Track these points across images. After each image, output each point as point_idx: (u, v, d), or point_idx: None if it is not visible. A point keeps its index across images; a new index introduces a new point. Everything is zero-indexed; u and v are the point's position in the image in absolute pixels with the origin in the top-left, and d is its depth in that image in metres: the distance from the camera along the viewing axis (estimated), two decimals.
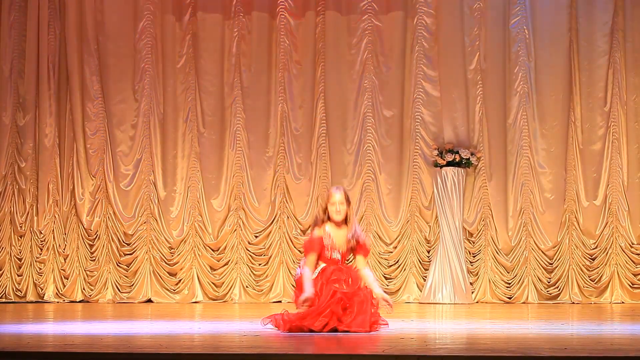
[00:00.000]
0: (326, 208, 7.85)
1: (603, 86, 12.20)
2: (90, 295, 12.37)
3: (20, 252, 12.54)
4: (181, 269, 12.37)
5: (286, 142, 12.43)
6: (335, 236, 7.80)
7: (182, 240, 12.40)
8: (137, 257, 12.39)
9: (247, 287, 12.30)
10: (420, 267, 12.23)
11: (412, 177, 12.32)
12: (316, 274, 7.70)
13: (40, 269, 12.47)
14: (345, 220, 7.83)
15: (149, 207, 12.44)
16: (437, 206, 12.07)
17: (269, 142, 12.46)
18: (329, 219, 7.83)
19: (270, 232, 12.38)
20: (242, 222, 12.38)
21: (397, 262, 12.24)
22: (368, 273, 7.84)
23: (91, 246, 12.45)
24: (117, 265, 12.40)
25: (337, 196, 7.83)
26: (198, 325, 8.49)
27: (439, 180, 12.04)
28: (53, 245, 12.48)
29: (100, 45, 12.53)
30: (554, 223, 12.15)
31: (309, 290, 7.51)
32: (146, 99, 12.51)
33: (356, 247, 7.85)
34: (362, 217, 12.23)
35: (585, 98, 12.21)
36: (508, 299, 12.07)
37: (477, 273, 12.15)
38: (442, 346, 6.33)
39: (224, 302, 12.24)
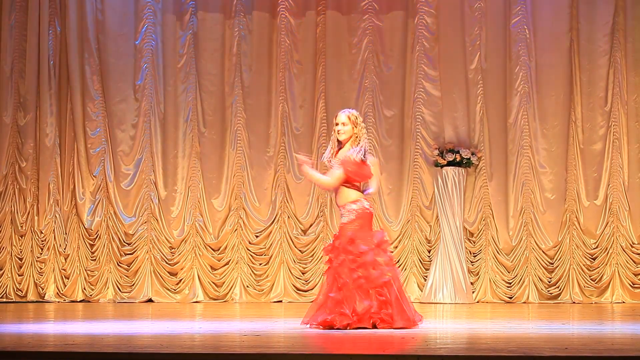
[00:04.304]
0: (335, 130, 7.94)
1: (604, 86, 12.20)
2: (90, 295, 12.37)
3: (21, 252, 12.54)
4: (182, 269, 12.37)
5: (287, 142, 12.42)
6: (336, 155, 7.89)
7: (182, 240, 12.40)
8: (137, 256, 12.38)
9: (247, 286, 12.30)
10: (420, 267, 12.23)
11: (413, 177, 12.31)
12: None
13: (41, 268, 12.47)
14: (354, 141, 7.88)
15: (150, 207, 12.44)
16: (437, 206, 12.06)
17: (269, 141, 12.46)
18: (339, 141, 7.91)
19: (270, 232, 12.37)
20: (243, 222, 12.38)
21: (398, 261, 12.23)
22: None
23: (92, 246, 12.44)
24: (118, 265, 12.39)
25: (340, 117, 7.94)
26: (199, 325, 8.49)
27: (439, 179, 12.03)
28: (54, 245, 12.47)
29: (100, 45, 12.53)
30: (555, 223, 12.14)
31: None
32: (147, 98, 12.51)
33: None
34: None
35: (585, 98, 12.20)
36: (509, 299, 12.07)
37: (478, 273, 12.14)
38: (442, 346, 6.33)
39: (224, 301, 12.24)
